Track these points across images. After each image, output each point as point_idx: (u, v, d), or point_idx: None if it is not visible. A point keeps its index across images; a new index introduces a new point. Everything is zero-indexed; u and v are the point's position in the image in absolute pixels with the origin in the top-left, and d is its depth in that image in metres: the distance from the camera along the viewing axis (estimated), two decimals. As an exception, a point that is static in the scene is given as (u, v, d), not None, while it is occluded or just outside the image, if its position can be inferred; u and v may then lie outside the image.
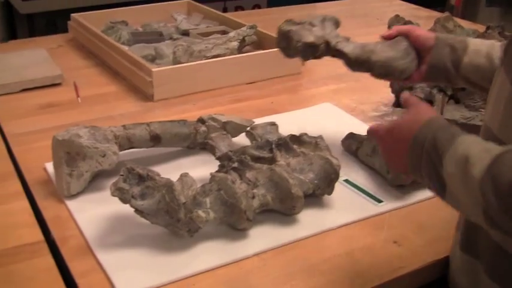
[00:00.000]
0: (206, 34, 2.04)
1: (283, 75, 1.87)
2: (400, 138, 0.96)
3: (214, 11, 2.29)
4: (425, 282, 1.09)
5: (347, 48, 1.28)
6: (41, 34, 2.50)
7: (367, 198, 1.24)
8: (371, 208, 1.21)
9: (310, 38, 1.30)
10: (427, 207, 1.23)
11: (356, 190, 1.26)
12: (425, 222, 1.19)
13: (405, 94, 1.07)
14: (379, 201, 1.23)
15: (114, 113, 1.60)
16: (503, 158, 0.77)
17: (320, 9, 2.89)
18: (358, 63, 1.28)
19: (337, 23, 1.38)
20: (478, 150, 0.81)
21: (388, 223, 1.17)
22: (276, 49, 1.75)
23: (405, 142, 0.94)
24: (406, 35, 1.27)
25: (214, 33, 2.05)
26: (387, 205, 1.22)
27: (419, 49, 1.26)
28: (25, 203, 1.19)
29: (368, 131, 1.09)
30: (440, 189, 0.87)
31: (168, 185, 1.02)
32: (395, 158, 0.99)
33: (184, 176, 1.05)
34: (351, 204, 1.22)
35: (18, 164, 1.35)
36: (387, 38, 1.30)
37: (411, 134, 0.93)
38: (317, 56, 1.34)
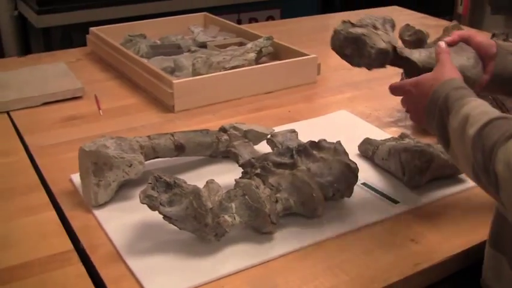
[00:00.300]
0: (223, 46, 2.09)
1: (299, 85, 1.92)
2: (422, 93, 1.07)
3: (230, 23, 2.35)
4: (442, 276, 1.13)
5: (414, 55, 1.21)
6: (56, 48, 2.54)
7: (385, 199, 1.28)
8: (388, 209, 1.25)
9: (382, 44, 1.18)
10: (441, 206, 1.28)
11: (374, 192, 1.31)
12: (439, 220, 1.23)
13: (441, 44, 1.14)
14: (396, 202, 1.28)
15: (136, 125, 1.65)
16: (496, 121, 0.87)
17: (332, 19, 2.94)
18: (427, 71, 1.15)
19: (394, 26, 1.29)
20: (478, 112, 0.91)
21: (404, 223, 1.22)
22: (291, 59, 1.81)
23: (425, 97, 1.05)
24: (466, 41, 1.21)
25: (231, 45, 2.10)
26: (403, 206, 1.26)
27: (481, 57, 1.20)
28: (53, 214, 1.23)
29: (392, 88, 1.18)
30: (446, 143, 0.99)
31: (196, 192, 1.07)
32: (416, 110, 1.10)
33: (210, 183, 1.10)
34: (370, 206, 1.26)
35: (44, 176, 1.39)
36: (451, 44, 1.20)
37: (431, 90, 1.04)
38: (383, 65, 1.21)
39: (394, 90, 1.18)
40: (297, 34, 2.53)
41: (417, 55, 1.21)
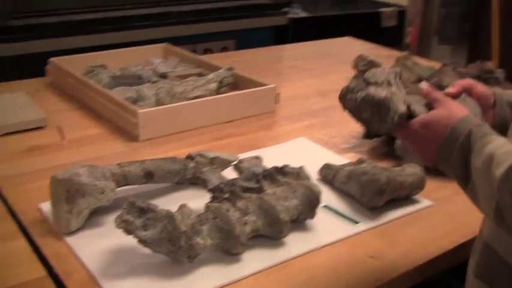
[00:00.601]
0: (184, 76, 2.16)
1: (259, 114, 1.99)
2: (435, 132, 1.04)
3: (190, 54, 2.42)
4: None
5: (422, 111, 1.11)
6: (10, 79, 2.48)
7: (345, 220, 1.36)
8: (349, 229, 1.33)
9: (403, 107, 1.09)
10: (398, 225, 1.37)
11: (335, 214, 1.38)
12: (397, 238, 1.32)
13: (426, 87, 1.11)
14: (356, 222, 1.35)
15: (101, 154, 1.68)
16: None
17: (287, 51, 3.03)
18: None
19: (401, 76, 1.20)
20: (503, 151, 0.92)
21: (365, 241, 1.30)
22: (251, 89, 1.88)
23: (440, 135, 1.03)
24: (468, 92, 1.17)
25: (192, 76, 2.17)
26: (363, 225, 1.34)
27: (481, 107, 1.19)
28: (23, 242, 1.24)
29: (397, 130, 1.12)
30: (465, 180, 0.98)
31: (169, 216, 1.13)
32: (427, 149, 1.07)
33: (182, 207, 1.16)
34: (332, 226, 1.34)
35: (11, 205, 1.40)
36: (455, 96, 1.15)
37: (448, 127, 1.02)
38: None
39: (399, 132, 1.13)
40: (253, 65, 2.60)
41: (423, 111, 1.11)
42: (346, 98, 1.15)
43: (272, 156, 1.56)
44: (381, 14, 4.50)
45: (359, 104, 1.12)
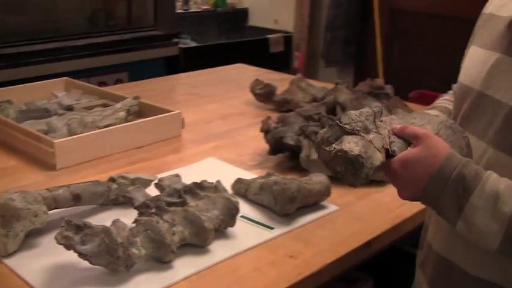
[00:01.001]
0: (89, 108, 2.24)
1: (167, 138, 2.10)
2: (418, 172, 1.05)
3: (91, 85, 2.51)
4: (320, 283, 1.36)
5: (403, 149, 1.10)
6: None
7: (262, 227, 1.50)
8: (267, 234, 1.47)
9: (379, 159, 1.06)
10: (310, 228, 1.52)
11: (251, 222, 1.51)
12: (310, 239, 1.46)
13: (399, 126, 1.11)
14: (271, 228, 1.49)
15: (21, 184, 1.71)
16: None
17: (184, 79, 3.15)
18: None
19: (382, 114, 1.15)
20: (504, 187, 1.00)
21: (282, 244, 1.44)
22: (158, 116, 2.00)
23: (422, 175, 1.04)
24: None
25: (97, 106, 2.25)
26: (278, 230, 1.49)
27: None
28: None
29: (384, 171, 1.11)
30: (454, 217, 1.03)
31: (106, 230, 1.23)
32: (407, 187, 1.09)
33: (116, 222, 1.27)
34: (251, 233, 1.47)
35: None
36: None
37: (432, 168, 1.03)
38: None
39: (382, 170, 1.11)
40: (153, 94, 2.66)
41: (403, 147, 1.10)
42: (321, 149, 1.10)
43: (187, 175, 1.67)
44: (268, 40, 4.71)
45: (332, 158, 1.07)
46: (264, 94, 2.46)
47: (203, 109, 2.51)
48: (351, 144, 1.04)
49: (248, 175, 1.76)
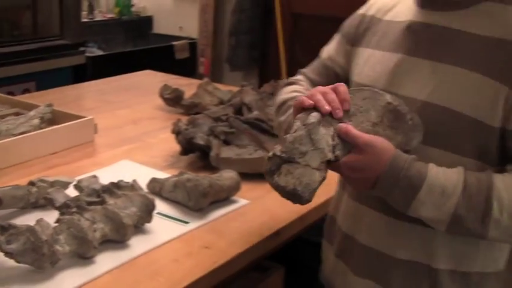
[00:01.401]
0: (2, 116, 2.27)
1: (81, 143, 2.17)
2: (366, 175, 1.16)
3: (2, 95, 2.53)
4: (235, 270, 1.48)
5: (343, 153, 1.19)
6: None
7: (177, 222, 1.59)
8: (182, 228, 1.57)
9: (316, 183, 1.15)
10: (223, 221, 1.63)
11: (167, 218, 1.61)
12: (224, 231, 1.58)
13: (343, 128, 1.17)
14: (186, 222, 1.59)
15: None
16: (469, 185, 1.14)
17: (93, 87, 3.19)
18: None
19: (320, 122, 1.18)
20: (445, 180, 1.15)
21: (197, 236, 1.54)
22: (71, 122, 2.07)
23: (372, 178, 1.16)
24: None
25: (9, 115, 2.28)
26: (193, 224, 1.59)
27: None
28: None
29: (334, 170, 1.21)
30: (404, 209, 1.17)
31: (30, 229, 1.30)
32: (359, 186, 1.22)
33: (40, 221, 1.33)
34: (167, 228, 1.56)
35: None
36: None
37: (379, 171, 1.15)
38: None
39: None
40: (64, 102, 2.69)
41: (342, 151, 1.18)
42: (268, 179, 1.19)
43: (103, 177, 1.75)
44: (174, 47, 4.79)
45: (276, 187, 1.18)
46: (173, 98, 2.56)
47: (114, 115, 2.58)
48: (287, 178, 1.14)
49: (162, 175, 1.85)
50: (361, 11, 1.45)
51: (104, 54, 4.45)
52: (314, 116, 1.17)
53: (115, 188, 1.54)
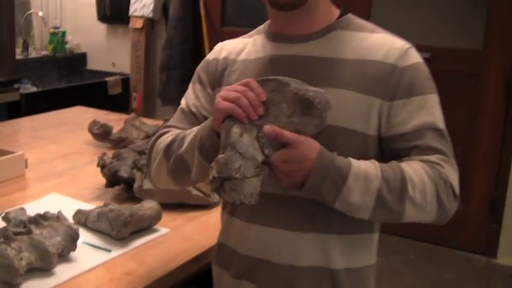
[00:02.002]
0: None
1: (11, 178, 2.26)
2: (296, 170, 1.26)
3: None
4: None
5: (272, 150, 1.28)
6: None
7: (101, 250, 1.70)
8: (105, 256, 1.67)
9: (254, 185, 1.26)
10: (144, 249, 1.75)
11: (91, 247, 1.72)
12: (145, 259, 1.69)
13: (269, 130, 1.24)
14: (109, 250, 1.70)
15: None
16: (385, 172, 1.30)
17: (25, 123, 3.28)
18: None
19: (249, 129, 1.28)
20: (367, 167, 1.29)
21: (119, 263, 1.65)
22: (2, 157, 2.15)
23: (303, 171, 1.25)
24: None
25: None
26: (115, 252, 1.70)
27: None
28: None
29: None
30: (333, 199, 1.28)
31: (-42, 258, 1.39)
32: (293, 176, 1.27)
33: (-32, 251, 1.43)
34: (91, 256, 1.67)
35: None
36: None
37: (309, 166, 1.25)
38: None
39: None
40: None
41: (270, 149, 1.27)
42: (218, 196, 1.29)
43: (32, 209, 1.84)
44: (107, 83, 4.89)
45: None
46: (101, 134, 2.67)
47: (45, 150, 2.67)
48: (232, 194, 1.25)
49: (88, 207, 1.95)
50: (211, 57, 1.58)
51: (38, 91, 4.52)
52: (235, 132, 1.26)
53: (41, 219, 1.64)
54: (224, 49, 1.56)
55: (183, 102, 1.59)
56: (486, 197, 3.96)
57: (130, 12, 5.02)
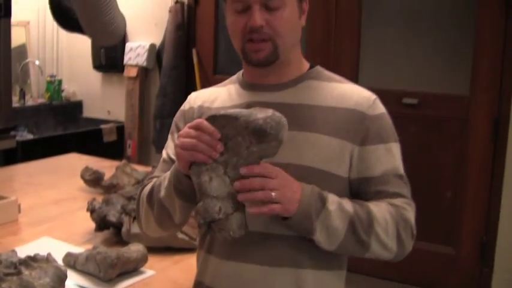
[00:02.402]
0: None
1: (4, 223, 2.33)
2: (293, 187, 1.37)
3: None
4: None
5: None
6: None
7: (89, 291, 1.77)
8: (93, 297, 1.74)
9: (242, 219, 1.36)
10: (132, 289, 1.82)
11: (80, 288, 1.79)
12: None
13: (245, 170, 1.32)
14: (97, 292, 1.78)
15: None
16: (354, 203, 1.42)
17: (20, 169, 3.38)
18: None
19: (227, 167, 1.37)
20: (338, 198, 1.41)
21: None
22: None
23: (297, 190, 1.37)
24: None
25: None
26: (104, 293, 1.77)
27: None
28: None
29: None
30: (316, 216, 1.37)
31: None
32: (290, 193, 1.37)
33: (-40, 291, 1.50)
34: (78, 296, 1.74)
35: None
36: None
37: (298, 185, 1.38)
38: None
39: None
40: (-9, 184, 2.90)
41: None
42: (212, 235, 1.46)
43: (24, 252, 1.90)
44: (102, 130, 4.98)
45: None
46: (93, 180, 2.76)
47: (38, 195, 2.75)
48: (222, 233, 1.34)
49: (78, 250, 2.02)
50: (186, 106, 1.67)
51: (34, 138, 4.61)
52: (205, 181, 1.33)
53: (31, 260, 1.71)
54: (198, 98, 1.66)
55: (164, 153, 1.67)
56: (476, 240, 3.98)
57: (125, 61, 5.13)
